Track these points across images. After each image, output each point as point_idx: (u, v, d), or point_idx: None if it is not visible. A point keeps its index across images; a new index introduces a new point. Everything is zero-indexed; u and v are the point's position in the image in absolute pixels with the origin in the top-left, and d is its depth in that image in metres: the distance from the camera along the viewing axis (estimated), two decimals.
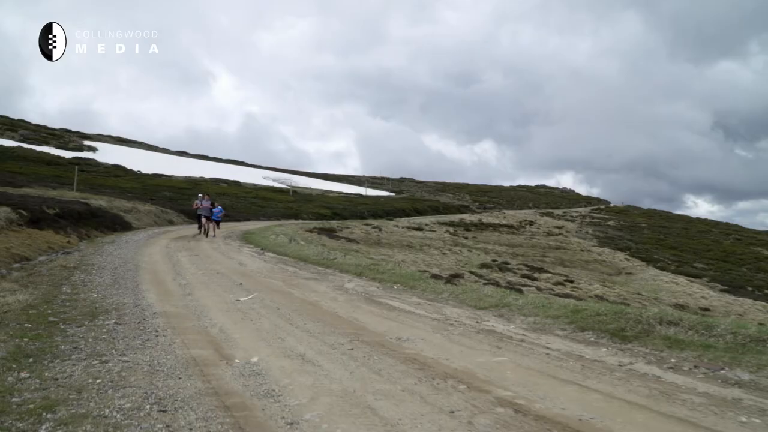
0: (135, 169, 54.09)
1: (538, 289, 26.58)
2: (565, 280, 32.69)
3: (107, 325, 5.85)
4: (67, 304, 6.97)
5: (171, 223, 30.20)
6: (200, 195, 23.40)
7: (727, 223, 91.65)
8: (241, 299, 7.85)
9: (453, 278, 19.99)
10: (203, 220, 22.22)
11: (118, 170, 51.16)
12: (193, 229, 26.79)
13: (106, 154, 62.67)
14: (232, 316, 6.59)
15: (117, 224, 22.07)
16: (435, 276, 17.32)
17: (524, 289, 24.72)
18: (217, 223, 23.11)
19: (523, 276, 32.20)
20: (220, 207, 23.55)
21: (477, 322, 6.58)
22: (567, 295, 24.01)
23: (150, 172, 54.56)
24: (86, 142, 72.34)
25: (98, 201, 25.46)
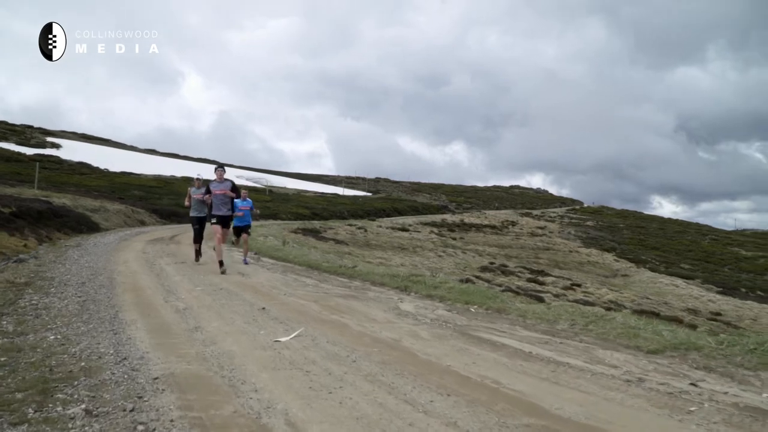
0: (102, 167, 50.35)
1: (554, 295, 24.35)
2: (572, 285, 30.63)
3: (72, 417, 3.08)
4: (2, 359, 4.15)
5: (143, 223, 27.01)
6: (198, 176, 12.57)
7: (697, 224, 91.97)
8: (282, 339, 5.11)
9: (465, 284, 17.53)
10: (217, 230, 10.92)
11: (83, 168, 47.46)
12: (170, 230, 22.63)
13: (71, 152, 58.55)
14: (292, 382, 3.85)
15: (83, 225, 18.94)
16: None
17: (544, 296, 22.37)
18: (246, 229, 13.08)
19: (529, 280, 30.07)
20: (250, 200, 13.18)
21: (693, 384, 3.99)
22: (586, 302, 21.76)
23: (118, 170, 50.89)
24: (49, 139, 67.76)
25: (61, 199, 22.33)
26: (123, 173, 49.65)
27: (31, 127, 75.21)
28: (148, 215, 29.18)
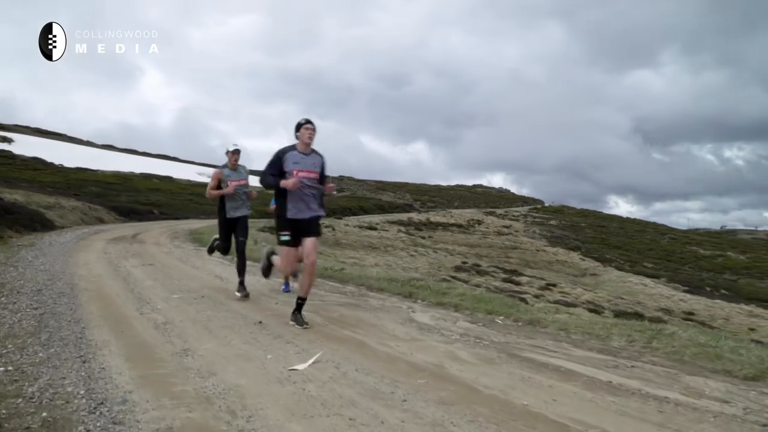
0: (57, 162, 47.93)
1: (534, 296, 23.82)
2: (548, 285, 30.22)
3: None
4: None
5: (101, 221, 25.36)
6: (235, 146, 7.12)
7: (655, 223, 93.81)
8: (299, 368, 4.08)
9: (477, 290, 16.70)
10: (293, 254, 5.94)
11: (37, 163, 45.10)
12: (131, 227, 20.98)
13: (24, 146, 55.65)
14: None
15: (36, 222, 17.41)
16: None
17: (526, 297, 21.73)
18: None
19: (504, 280, 29.53)
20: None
21: None
22: (566, 303, 21.23)
23: (73, 166, 48.51)
24: (1, 133, 64.40)
25: (13, 195, 20.73)
26: (79, 169, 47.37)
27: None
28: (107, 212, 27.56)
